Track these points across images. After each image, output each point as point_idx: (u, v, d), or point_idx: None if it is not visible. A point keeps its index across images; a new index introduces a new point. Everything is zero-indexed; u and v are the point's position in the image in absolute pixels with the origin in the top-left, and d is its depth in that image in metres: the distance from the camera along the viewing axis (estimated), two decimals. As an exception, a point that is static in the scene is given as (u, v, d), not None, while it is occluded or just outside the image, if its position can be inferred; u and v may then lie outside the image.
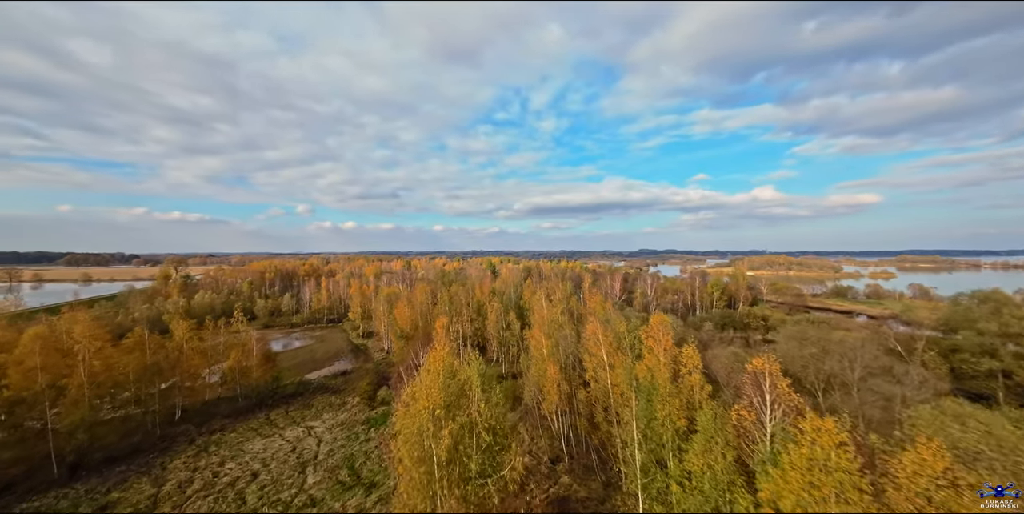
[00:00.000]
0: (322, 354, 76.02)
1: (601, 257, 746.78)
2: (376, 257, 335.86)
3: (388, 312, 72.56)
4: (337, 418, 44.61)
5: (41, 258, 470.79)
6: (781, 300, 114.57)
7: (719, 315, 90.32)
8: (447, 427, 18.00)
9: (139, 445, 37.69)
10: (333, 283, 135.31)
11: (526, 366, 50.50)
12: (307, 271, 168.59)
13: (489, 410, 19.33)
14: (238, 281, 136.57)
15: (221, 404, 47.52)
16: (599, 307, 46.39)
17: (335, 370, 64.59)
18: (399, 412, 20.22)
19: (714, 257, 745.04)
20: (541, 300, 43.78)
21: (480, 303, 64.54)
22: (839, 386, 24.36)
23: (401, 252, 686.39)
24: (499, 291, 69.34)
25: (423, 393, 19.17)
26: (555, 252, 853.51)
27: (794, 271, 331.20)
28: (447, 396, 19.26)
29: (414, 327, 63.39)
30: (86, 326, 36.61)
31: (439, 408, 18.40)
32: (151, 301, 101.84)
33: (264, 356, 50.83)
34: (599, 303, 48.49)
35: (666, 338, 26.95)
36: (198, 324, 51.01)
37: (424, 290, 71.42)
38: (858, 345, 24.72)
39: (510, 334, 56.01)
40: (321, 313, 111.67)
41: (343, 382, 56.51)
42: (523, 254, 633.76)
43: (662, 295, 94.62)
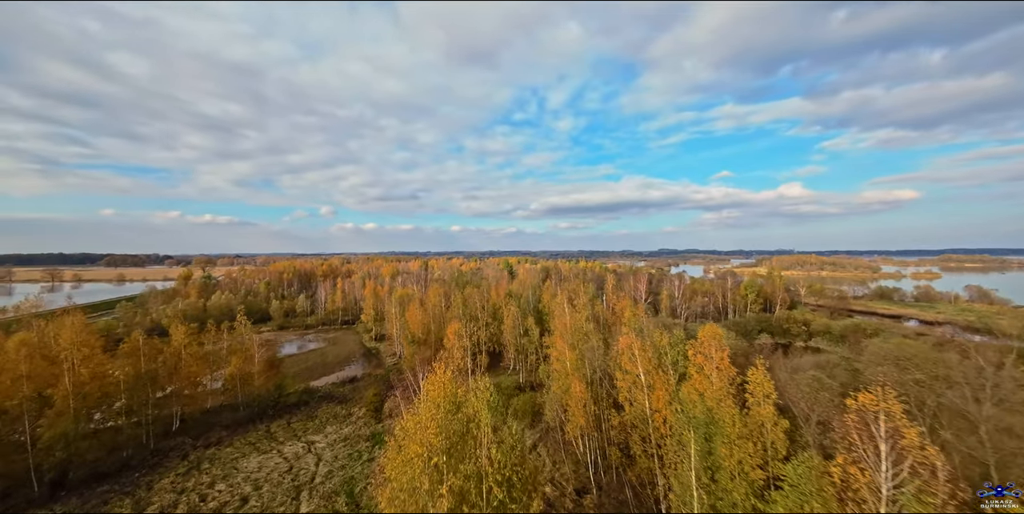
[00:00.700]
0: (333, 358, 73.40)
1: (620, 257, 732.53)
2: (395, 257, 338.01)
3: (400, 315, 69.23)
4: (340, 432, 41.12)
5: (84, 259, 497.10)
6: (821, 303, 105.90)
7: (754, 319, 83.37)
8: (448, 481, 13.68)
9: (129, 460, 35.05)
10: (349, 284, 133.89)
11: (546, 375, 45.91)
12: (324, 271, 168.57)
13: (503, 456, 14.91)
14: (256, 282, 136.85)
15: (223, 413, 44.84)
16: (629, 313, 41.31)
17: (344, 376, 61.58)
18: (389, 453, 16.03)
19: (738, 257, 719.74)
20: (563, 304, 39.17)
21: (496, 306, 60.30)
22: (951, 417, 18.87)
23: (420, 252, 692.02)
24: (516, 293, 64.89)
25: (418, 434, 14.90)
26: (573, 252, 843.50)
27: (827, 271, 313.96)
28: (448, 437, 14.94)
29: (426, 331, 59.72)
30: (73, 332, 34.16)
31: (437, 455, 14.09)
32: (169, 301, 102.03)
33: (268, 362, 48.00)
34: (629, 309, 43.35)
35: (721, 355, 21.93)
36: (200, 328, 48.65)
37: (437, 292, 67.72)
38: (988, 368, 19.13)
39: (528, 341, 51.52)
40: (336, 314, 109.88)
41: (351, 390, 53.23)
42: (540, 254, 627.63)
43: (691, 297, 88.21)
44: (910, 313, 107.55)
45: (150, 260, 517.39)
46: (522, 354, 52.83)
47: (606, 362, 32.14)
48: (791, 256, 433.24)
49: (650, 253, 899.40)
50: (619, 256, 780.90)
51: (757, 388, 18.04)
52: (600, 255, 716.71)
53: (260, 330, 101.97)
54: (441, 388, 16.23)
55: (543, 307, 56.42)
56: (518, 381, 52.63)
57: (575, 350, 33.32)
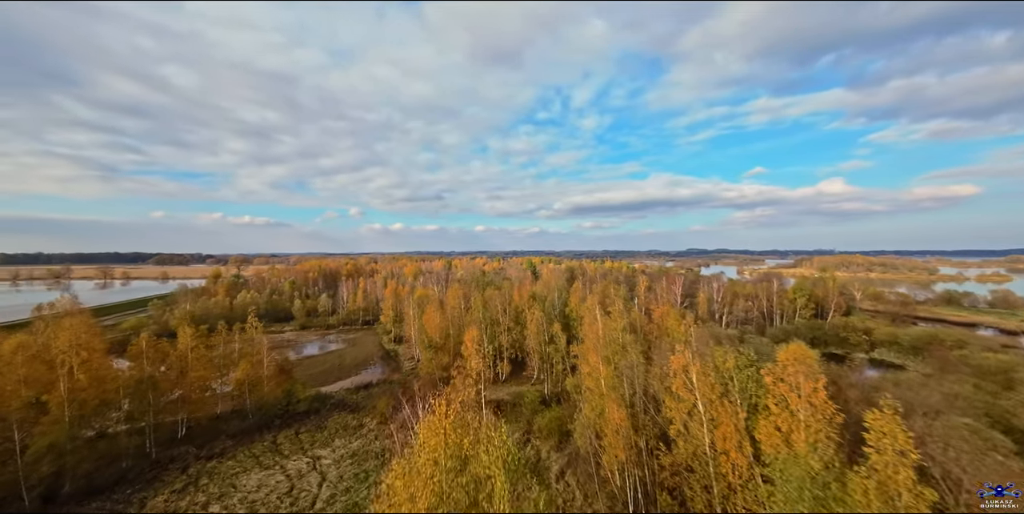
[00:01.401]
0: (350, 360, 71.12)
1: (647, 257, 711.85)
2: (420, 257, 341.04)
3: (418, 317, 66.04)
4: (349, 446, 37.83)
5: (136, 258, 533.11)
6: (880, 308, 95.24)
7: (805, 327, 75.04)
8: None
9: (128, 471, 32.95)
10: (371, 283, 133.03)
11: (575, 390, 41.06)
12: (349, 271, 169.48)
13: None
14: (281, 281, 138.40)
15: (231, 421, 42.62)
16: (673, 322, 35.63)
17: (360, 381, 58.82)
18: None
19: (772, 257, 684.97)
20: (594, 310, 34.30)
21: (519, 310, 55.88)
22: None
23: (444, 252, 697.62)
24: (540, 296, 60.27)
25: (406, 505, 10.58)
26: (597, 252, 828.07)
27: (876, 273, 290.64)
28: (448, 506, 10.56)
29: (444, 336, 56.07)
30: (72, 334, 32.33)
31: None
32: (197, 300, 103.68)
33: (278, 367, 45.60)
34: (672, 316, 37.55)
35: (813, 385, 16.57)
36: (210, 329, 46.74)
37: (456, 293, 64.03)
38: None
39: (554, 349, 46.80)
40: (357, 314, 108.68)
41: (365, 397, 50.18)
42: (564, 254, 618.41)
43: (731, 301, 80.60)
44: (987, 321, 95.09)
45: (194, 259, 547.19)
46: (547, 363, 48.13)
47: (648, 381, 27.02)
48: (834, 256, 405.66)
49: (678, 253, 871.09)
50: (645, 256, 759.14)
51: (884, 440, 12.74)
52: (625, 255, 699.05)
53: (283, 329, 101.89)
54: (441, 436, 11.86)
55: (570, 312, 51.54)
56: (543, 393, 48.01)
57: (610, 365, 28.39)
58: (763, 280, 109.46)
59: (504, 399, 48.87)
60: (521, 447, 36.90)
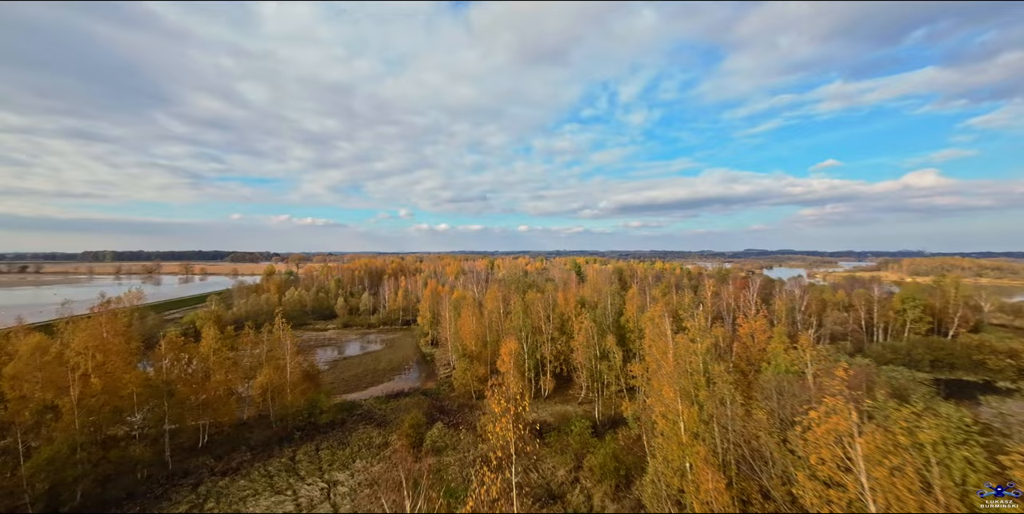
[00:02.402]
0: (386, 364, 68.07)
1: (699, 258, 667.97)
2: (464, 256, 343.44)
3: (454, 320, 61.31)
4: (370, 471, 33.22)
5: (215, 256, 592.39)
6: (1018, 324, 76.41)
7: (922, 346, 60.80)
8: None
9: (141, 484, 30.58)
10: (412, 282, 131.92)
11: (633, 417, 33.67)
12: (394, 269, 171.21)
13: None
14: (329, 279, 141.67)
15: (254, 429, 39.98)
16: (778, 345, 26.46)
17: (392, 388, 55.01)
18: None
19: (847, 259, 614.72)
20: (662, 325, 26.79)
21: (564, 316, 48.99)
22: None
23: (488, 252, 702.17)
24: (590, 302, 52.90)
25: None
26: (644, 252, 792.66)
27: (987, 278, 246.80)
28: None
29: (481, 343, 50.59)
30: (89, 335, 30.50)
31: None
32: (248, 296, 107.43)
33: (304, 374, 42.52)
34: (776, 336, 28.10)
35: None
36: (257, 327, 44.66)
37: (495, 296, 58.38)
38: None
39: (607, 367, 39.45)
40: (397, 314, 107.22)
41: (394, 409, 45.92)
42: (609, 254, 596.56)
43: (820, 311, 67.71)
44: None
45: (262, 257, 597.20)
46: (597, 381, 40.83)
47: (751, 431, 19.17)
48: (928, 259, 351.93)
49: (734, 254, 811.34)
50: (698, 257, 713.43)
51: None
52: (676, 256, 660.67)
53: (326, 328, 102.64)
54: None
55: (626, 322, 43.73)
56: (593, 415, 40.81)
57: (691, 402, 20.86)
58: (854, 285, 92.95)
59: (547, 420, 42.31)
60: (569, 488, 30.19)
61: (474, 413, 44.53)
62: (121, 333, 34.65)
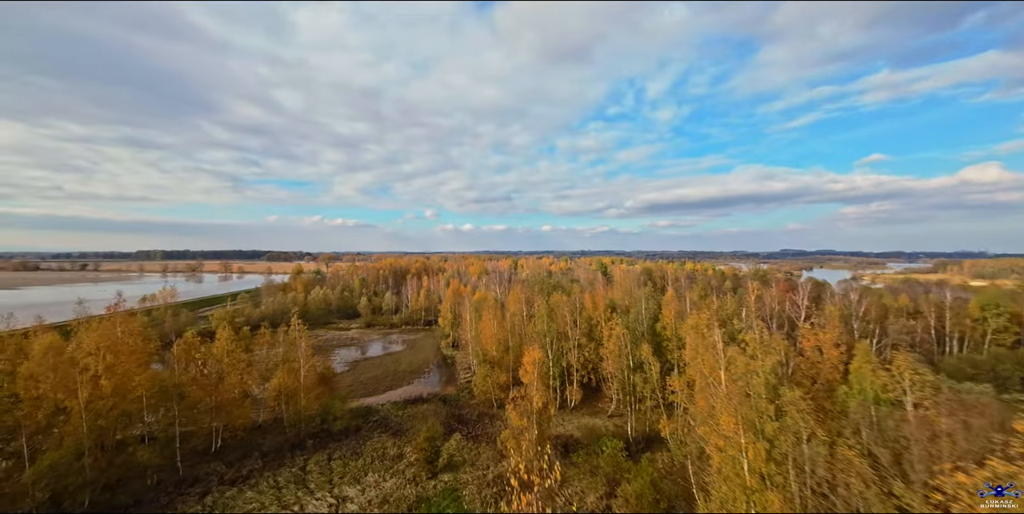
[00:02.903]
0: (406, 366, 66.37)
1: (731, 258, 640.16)
2: (488, 256, 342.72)
3: (475, 322, 58.69)
4: (382, 486, 30.89)
5: (253, 255, 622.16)
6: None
7: (1009, 359, 52.89)
8: None
9: (150, 491, 29.47)
10: (434, 282, 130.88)
11: (674, 439, 29.83)
12: (418, 269, 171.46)
13: None
14: (353, 278, 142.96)
15: (268, 434, 38.66)
16: (864, 364, 21.75)
17: (411, 392, 52.96)
18: None
19: (897, 260, 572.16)
20: (712, 337, 22.85)
21: (592, 321, 45.23)
22: None
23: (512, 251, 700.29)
24: (620, 306, 48.80)
25: None
26: (672, 252, 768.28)
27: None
28: None
29: (502, 348, 47.60)
30: (100, 336, 29.66)
31: None
32: (275, 294, 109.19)
33: (319, 377, 40.94)
34: (863, 355, 23.19)
35: None
36: (274, 326, 43.60)
37: (518, 297, 55.27)
38: None
39: (642, 379, 35.47)
40: (419, 314, 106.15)
41: (412, 416, 43.68)
42: (635, 254, 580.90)
43: (880, 317, 60.50)
44: None
45: (296, 256, 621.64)
46: (630, 394, 36.90)
47: (836, 477, 15.09)
48: (994, 260, 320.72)
49: (769, 254, 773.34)
50: (730, 257, 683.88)
51: None
52: (706, 256, 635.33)
53: (349, 327, 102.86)
54: None
55: (662, 330, 39.41)
56: (625, 431, 36.96)
57: (757, 435, 16.96)
58: (915, 289, 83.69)
59: (573, 435, 38.83)
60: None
61: (494, 424, 41.66)
62: (136, 333, 33.95)
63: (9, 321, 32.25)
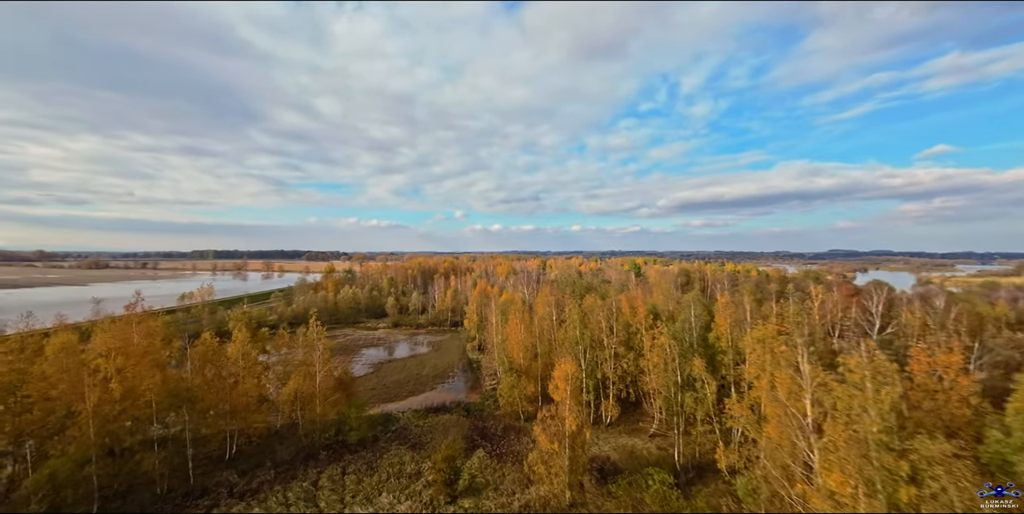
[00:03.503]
0: (430, 369, 63.98)
1: (773, 259, 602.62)
2: (516, 256, 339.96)
3: (501, 325, 55.28)
4: (396, 509, 27.93)
5: (294, 255, 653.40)
6: None
7: None
8: None
9: (155, 502, 27.97)
10: (462, 282, 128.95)
11: (739, 480, 25.18)
12: (445, 269, 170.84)
13: None
14: (382, 277, 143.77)
15: (284, 441, 36.83)
16: (1018, 403, 16.48)
17: (433, 399, 50.26)
18: None
19: (967, 261, 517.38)
20: (794, 358, 18.12)
21: (631, 328, 40.51)
22: None
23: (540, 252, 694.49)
24: (664, 312, 43.59)
25: None
26: (708, 253, 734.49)
27: None
28: None
29: (530, 355, 43.80)
30: (112, 336, 28.57)
31: None
32: (306, 293, 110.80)
33: (336, 382, 38.82)
34: (1018, 384, 17.87)
35: None
36: (289, 328, 42.32)
37: (547, 299, 51.28)
38: None
39: (692, 398, 30.50)
40: (446, 314, 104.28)
41: (433, 426, 40.79)
42: (668, 255, 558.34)
43: (976, 329, 51.48)
44: None
45: (333, 256, 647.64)
46: (678, 414, 31.97)
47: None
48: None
49: (816, 255, 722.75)
50: (772, 258, 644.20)
51: None
52: (745, 256, 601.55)
53: (377, 327, 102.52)
54: None
55: (715, 341, 33.82)
56: (671, 456, 32.12)
57: (885, 503, 12.22)
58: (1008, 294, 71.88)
59: (610, 458, 34.43)
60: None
61: (521, 439, 37.95)
62: (153, 333, 33.02)
63: (29, 320, 31.95)
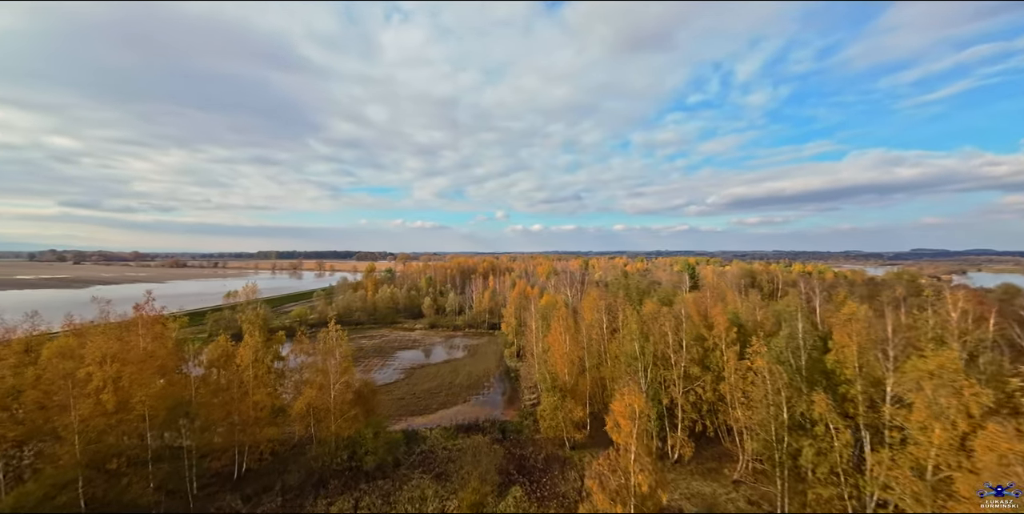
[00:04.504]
0: (464, 377, 58.74)
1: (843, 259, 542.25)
2: (557, 257, 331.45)
3: (542, 333, 48.68)
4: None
5: (345, 255, 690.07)
6: None
7: None
8: None
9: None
10: (500, 282, 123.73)
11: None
12: (485, 268, 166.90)
13: None
14: (421, 277, 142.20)
15: (297, 461, 32.76)
16: None
17: (466, 413, 44.73)
18: None
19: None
20: None
21: (706, 342, 32.22)
22: None
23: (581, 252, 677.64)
24: (747, 322, 34.53)
25: None
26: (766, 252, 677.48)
27: None
28: None
29: (576, 370, 36.77)
30: (106, 341, 25.53)
31: None
32: (345, 292, 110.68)
33: (355, 395, 34.19)
34: None
35: None
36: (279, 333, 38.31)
37: (595, 303, 43.90)
38: None
39: (811, 447, 21.75)
40: (483, 316, 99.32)
41: (463, 450, 35.08)
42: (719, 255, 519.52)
43: None
44: None
45: (380, 256, 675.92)
46: (781, 465, 23.57)
47: None
48: None
49: (897, 255, 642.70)
50: (841, 258, 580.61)
51: None
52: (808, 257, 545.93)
53: (414, 327, 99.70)
54: None
55: (837, 366, 24.35)
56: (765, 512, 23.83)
57: None
58: None
59: (683, 509, 26.73)
60: None
61: (566, 474, 31.16)
62: (162, 337, 30.15)
63: (34, 320, 30.09)
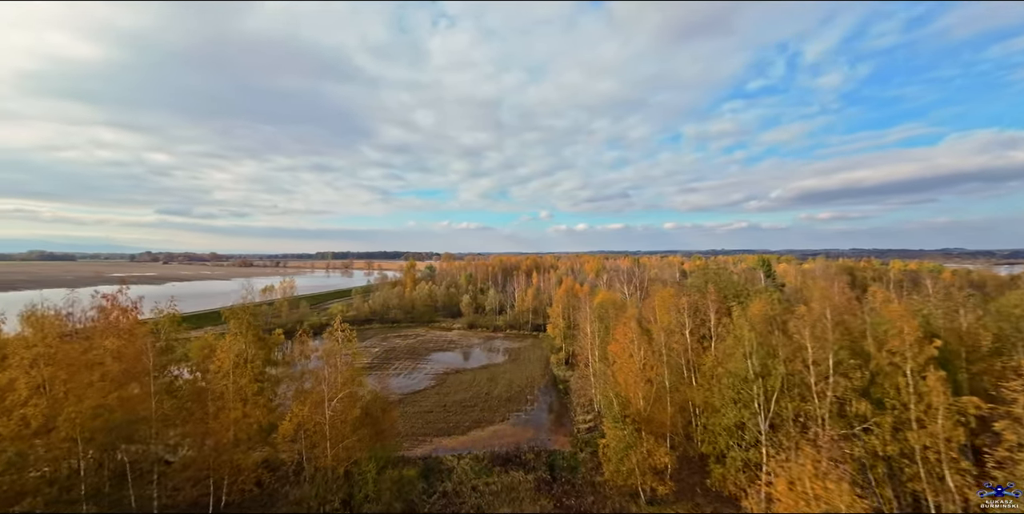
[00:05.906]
0: (503, 387, 50.10)
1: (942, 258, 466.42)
2: (603, 256, 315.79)
3: (599, 339, 38.76)
4: None
5: (395, 256, 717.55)
6: None
7: None
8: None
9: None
10: (545, 279, 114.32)
11: None
12: (528, 266, 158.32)
13: None
14: (460, 274, 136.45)
15: (288, 496, 25.81)
16: None
17: (504, 436, 35.99)
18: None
19: None
20: None
21: (875, 366, 20.83)
22: None
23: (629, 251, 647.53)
24: (937, 329, 22.70)
25: None
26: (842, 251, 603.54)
27: None
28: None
29: (653, 395, 26.60)
30: (39, 341, 19.77)
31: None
32: (382, 289, 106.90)
33: (362, 413, 26.65)
34: None
35: None
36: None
37: (670, 303, 33.20)
38: None
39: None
40: (526, 316, 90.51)
41: (496, 492, 26.31)
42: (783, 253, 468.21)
43: None
44: None
45: (427, 256, 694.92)
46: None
47: None
48: None
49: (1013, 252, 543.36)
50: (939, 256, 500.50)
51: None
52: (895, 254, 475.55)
53: (451, 327, 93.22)
54: None
55: None
56: None
57: None
58: None
59: None
60: None
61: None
62: (135, 336, 24.45)
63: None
